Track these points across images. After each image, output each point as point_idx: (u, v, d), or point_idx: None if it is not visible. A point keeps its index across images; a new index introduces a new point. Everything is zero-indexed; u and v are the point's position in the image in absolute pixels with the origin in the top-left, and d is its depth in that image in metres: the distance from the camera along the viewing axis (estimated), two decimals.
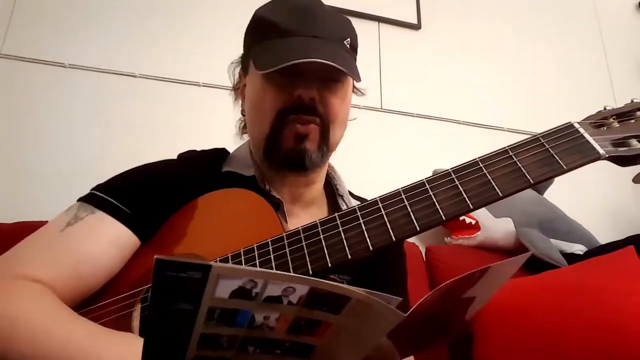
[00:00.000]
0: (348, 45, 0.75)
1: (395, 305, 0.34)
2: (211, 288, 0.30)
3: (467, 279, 0.38)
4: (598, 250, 1.48)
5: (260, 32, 0.75)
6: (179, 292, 0.29)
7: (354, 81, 0.80)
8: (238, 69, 0.85)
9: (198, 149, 0.87)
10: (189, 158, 0.82)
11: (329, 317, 0.34)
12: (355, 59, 0.78)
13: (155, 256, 0.28)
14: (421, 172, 0.61)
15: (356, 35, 0.79)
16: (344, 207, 0.82)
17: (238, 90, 0.86)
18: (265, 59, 0.70)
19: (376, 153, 1.71)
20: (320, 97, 0.72)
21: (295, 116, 0.71)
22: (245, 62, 0.81)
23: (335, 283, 0.32)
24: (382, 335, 0.36)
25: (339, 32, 0.74)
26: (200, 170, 0.77)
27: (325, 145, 0.74)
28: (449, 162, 0.59)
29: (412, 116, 1.84)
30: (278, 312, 0.32)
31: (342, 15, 0.79)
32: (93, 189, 0.70)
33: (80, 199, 0.69)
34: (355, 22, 0.80)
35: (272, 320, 0.33)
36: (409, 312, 0.35)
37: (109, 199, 0.67)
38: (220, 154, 0.84)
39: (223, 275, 0.29)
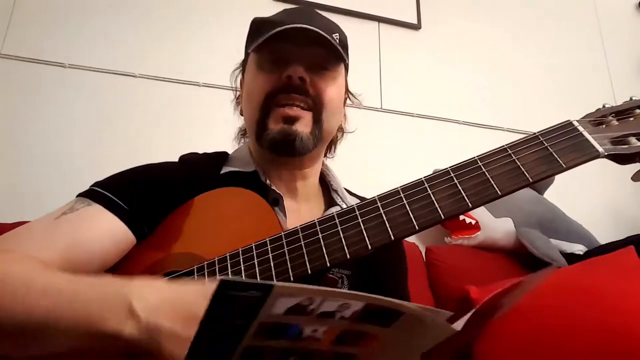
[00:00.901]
0: (337, 40, 0.76)
1: (445, 319, 0.34)
2: (269, 306, 0.30)
3: (506, 291, 0.38)
4: (598, 250, 1.48)
5: (255, 31, 0.78)
6: (235, 309, 0.30)
7: (347, 79, 0.82)
8: (239, 79, 0.87)
9: (198, 149, 0.87)
10: (190, 160, 0.82)
11: (377, 330, 0.34)
12: (345, 53, 0.79)
13: (220, 277, 0.28)
14: (421, 172, 0.60)
15: (346, 37, 0.80)
16: (338, 200, 0.82)
17: (238, 99, 0.88)
18: (256, 41, 0.73)
19: (376, 153, 1.71)
20: (311, 82, 0.74)
21: (285, 95, 0.73)
22: (244, 67, 0.84)
23: (391, 299, 0.32)
24: (427, 348, 0.36)
25: (329, 27, 0.77)
26: (201, 172, 0.77)
27: (319, 130, 0.75)
28: (449, 162, 0.59)
29: (412, 116, 1.84)
30: (327, 326, 0.33)
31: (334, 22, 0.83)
32: (92, 185, 0.70)
33: (79, 194, 0.69)
34: (355, 22, 0.81)
35: (320, 332, 0.33)
36: (463, 327, 0.35)
37: (107, 194, 0.67)
38: (221, 157, 0.85)
39: (284, 294, 0.30)
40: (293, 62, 0.73)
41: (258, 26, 0.77)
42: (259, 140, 0.76)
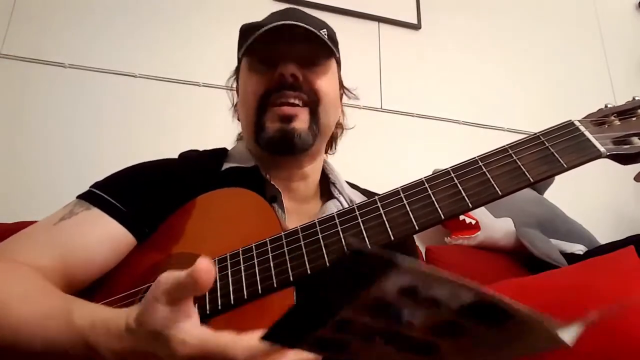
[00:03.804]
0: (325, 35, 0.77)
1: (557, 329, 0.32)
2: (382, 282, 0.28)
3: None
4: (598, 250, 1.48)
5: (243, 37, 0.79)
6: (351, 275, 0.28)
7: (340, 75, 0.83)
8: (235, 85, 0.87)
9: (198, 149, 0.87)
10: (190, 157, 0.82)
11: (478, 328, 0.32)
12: (334, 47, 0.80)
13: (350, 241, 0.27)
14: (421, 172, 0.60)
15: (334, 33, 0.81)
16: (335, 193, 0.82)
17: (237, 105, 0.88)
18: (245, 45, 0.75)
19: (376, 153, 1.71)
20: (303, 77, 0.74)
21: (279, 94, 0.73)
22: (238, 72, 0.84)
23: (507, 299, 0.30)
24: (521, 357, 0.35)
25: (316, 23, 0.78)
26: (201, 169, 0.77)
27: (316, 124, 0.75)
28: (449, 162, 0.59)
29: (412, 116, 1.84)
30: (429, 314, 0.31)
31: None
32: (91, 186, 0.70)
33: (78, 196, 0.69)
34: (355, 22, 0.81)
35: (418, 320, 0.31)
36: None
37: (106, 196, 0.67)
38: (220, 154, 0.84)
39: (401, 272, 0.28)
40: (283, 60, 0.73)
41: (246, 31, 0.78)
42: (257, 141, 0.76)
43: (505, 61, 2.04)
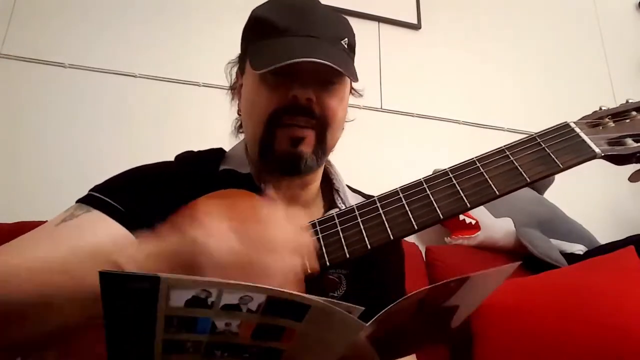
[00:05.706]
0: (345, 45, 0.74)
1: (358, 315, 0.34)
2: (164, 298, 0.29)
3: (442, 288, 0.38)
4: (598, 250, 1.48)
5: (256, 32, 0.75)
6: (131, 303, 0.29)
7: (352, 82, 0.80)
8: (235, 69, 0.85)
9: (197, 149, 0.86)
10: (186, 158, 0.82)
11: (292, 323, 0.33)
12: (352, 59, 0.77)
13: (98, 270, 0.28)
14: (421, 172, 0.60)
15: (354, 35, 0.78)
16: (338, 202, 0.82)
17: (235, 90, 0.86)
18: (261, 58, 0.70)
19: (376, 153, 1.71)
20: (317, 99, 0.71)
21: (291, 117, 0.71)
22: (242, 61, 0.81)
23: (292, 292, 0.31)
24: (348, 342, 0.36)
25: (336, 32, 0.74)
26: (197, 169, 0.77)
27: (322, 149, 0.74)
28: (449, 162, 0.59)
29: (412, 116, 1.84)
30: (239, 319, 0.32)
31: (340, 15, 0.79)
32: (91, 190, 0.70)
33: (79, 200, 0.68)
34: (355, 22, 0.80)
35: (234, 326, 0.32)
36: (373, 321, 0.34)
37: (106, 198, 0.67)
38: (217, 154, 0.84)
39: (173, 286, 0.29)
40: (299, 79, 0.70)
41: (258, 27, 0.74)
42: (263, 158, 0.75)
43: (505, 61, 2.04)
